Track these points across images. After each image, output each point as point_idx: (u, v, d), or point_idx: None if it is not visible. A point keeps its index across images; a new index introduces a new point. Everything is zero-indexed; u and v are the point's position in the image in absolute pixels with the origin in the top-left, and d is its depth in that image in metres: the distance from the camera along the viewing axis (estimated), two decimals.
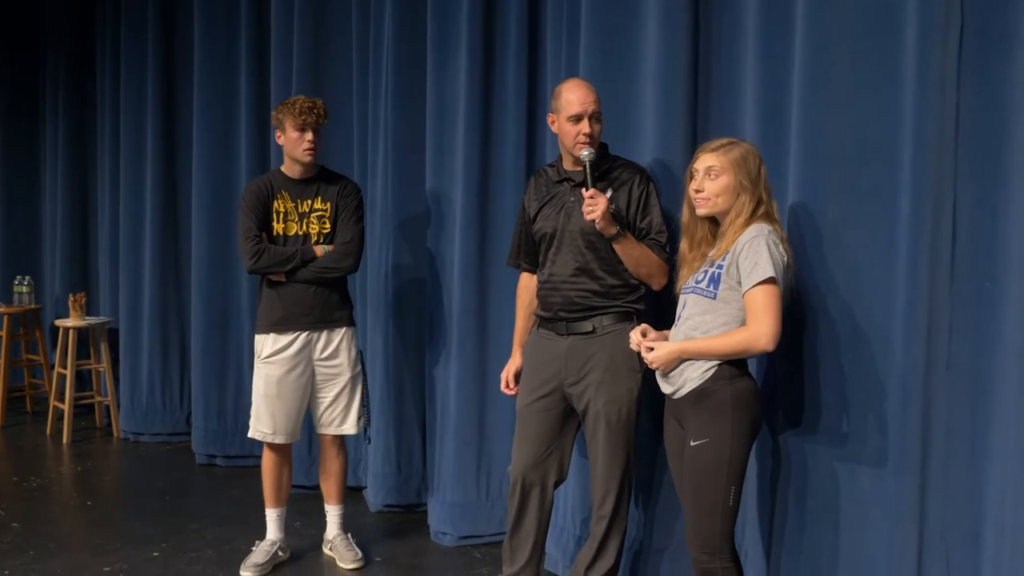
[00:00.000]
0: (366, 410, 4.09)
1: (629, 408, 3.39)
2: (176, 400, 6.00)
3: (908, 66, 2.90)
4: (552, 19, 3.99)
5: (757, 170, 2.95)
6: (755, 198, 2.93)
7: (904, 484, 2.95)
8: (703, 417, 2.90)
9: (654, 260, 3.35)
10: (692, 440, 2.91)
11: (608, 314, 3.38)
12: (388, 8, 4.45)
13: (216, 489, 5.16)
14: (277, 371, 3.93)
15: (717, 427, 2.88)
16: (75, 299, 6.22)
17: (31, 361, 6.88)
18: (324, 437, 4.10)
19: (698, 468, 2.89)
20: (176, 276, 5.87)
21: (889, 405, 2.99)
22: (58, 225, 6.94)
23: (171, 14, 5.85)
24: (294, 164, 3.92)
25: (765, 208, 2.94)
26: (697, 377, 2.92)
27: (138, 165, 5.99)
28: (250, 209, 3.88)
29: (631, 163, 3.43)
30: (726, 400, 2.89)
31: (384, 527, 4.57)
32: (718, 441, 2.87)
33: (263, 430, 3.98)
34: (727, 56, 3.42)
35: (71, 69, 6.82)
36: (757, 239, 2.86)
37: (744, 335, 2.85)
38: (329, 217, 3.95)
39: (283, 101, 3.93)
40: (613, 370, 3.37)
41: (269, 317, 3.94)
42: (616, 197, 3.35)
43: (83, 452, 5.93)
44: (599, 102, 3.32)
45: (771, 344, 2.82)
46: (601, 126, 3.33)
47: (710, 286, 2.94)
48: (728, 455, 2.86)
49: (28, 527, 4.57)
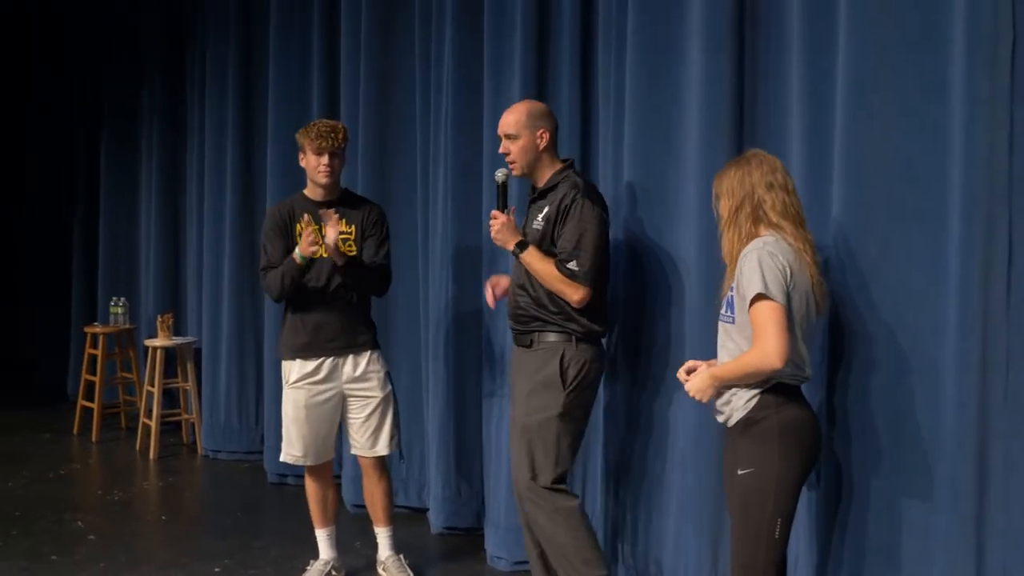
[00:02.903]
0: (398, 431, 4.11)
1: (540, 425, 3.41)
2: (252, 419, 6.14)
3: (955, 82, 2.81)
4: (603, 39, 3.98)
5: (744, 181, 2.86)
6: (749, 213, 2.85)
7: (958, 521, 2.82)
8: (750, 446, 2.85)
9: (554, 275, 3.38)
10: (740, 469, 2.85)
11: (545, 331, 3.46)
12: (448, 33, 4.51)
13: (285, 507, 5.25)
14: (305, 396, 3.99)
15: (764, 456, 2.82)
16: (163, 320, 6.44)
17: (125, 379, 7.15)
18: (361, 460, 4.13)
19: (744, 496, 2.84)
20: (253, 298, 6.02)
21: (941, 438, 2.86)
22: (152, 249, 7.21)
23: (249, 46, 6.04)
24: (316, 187, 3.99)
25: (767, 215, 2.84)
26: (742, 407, 2.86)
27: (219, 192, 6.18)
28: (267, 239, 3.98)
29: (578, 183, 3.45)
30: (772, 429, 2.82)
31: (443, 549, 4.58)
32: (765, 470, 2.80)
33: (294, 453, 4.04)
34: (771, 75, 3.37)
35: (165, 98, 7.10)
36: (750, 255, 2.80)
37: (750, 356, 2.78)
38: (355, 239, 3.99)
39: (305, 125, 4.02)
40: (536, 382, 3.44)
41: (293, 343, 3.99)
42: (540, 206, 3.47)
43: (167, 468, 6.12)
44: (518, 123, 3.44)
45: (778, 361, 2.74)
46: (516, 146, 3.46)
47: (728, 311, 2.91)
48: (775, 485, 2.80)
49: (103, 540, 4.74)
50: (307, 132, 3.92)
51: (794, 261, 2.80)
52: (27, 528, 4.87)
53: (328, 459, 4.14)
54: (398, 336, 4.94)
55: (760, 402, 2.83)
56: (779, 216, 2.85)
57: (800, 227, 2.86)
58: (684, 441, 3.60)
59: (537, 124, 3.46)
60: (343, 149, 3.97)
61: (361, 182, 4.93)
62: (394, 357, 4.76)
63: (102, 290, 7.64)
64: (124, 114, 7.55)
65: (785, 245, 2.82)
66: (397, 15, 4.94)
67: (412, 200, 4.87)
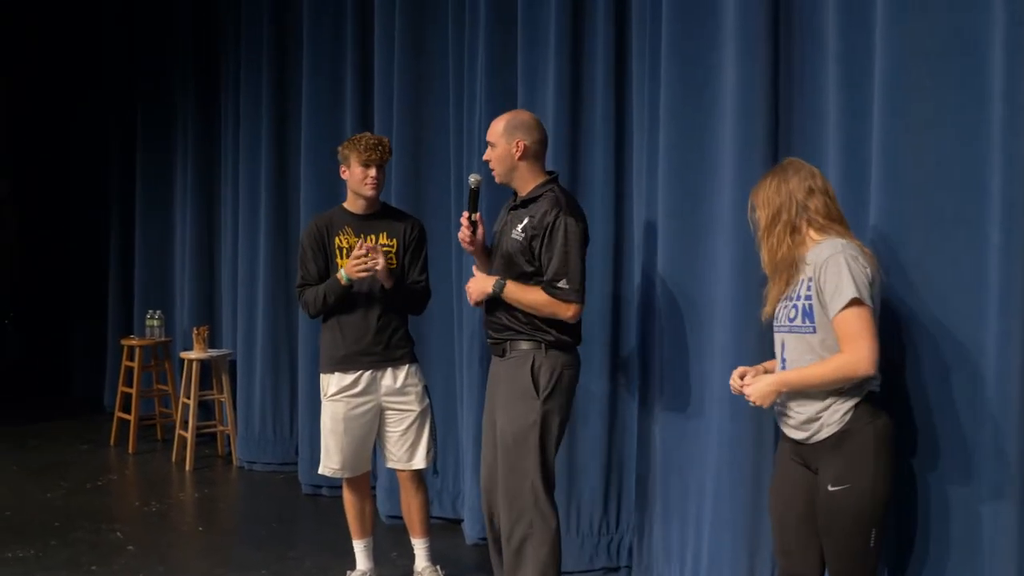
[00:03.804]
0: (435, 444, 4.11)
1: (526, 434, 3.45)
2: (286, 430, 6.17)
3: (994, 87, 2.79)
4: (637, 49, 3.98)
5: (780, 189, 2.85)
6: (787, 221, 2.83)
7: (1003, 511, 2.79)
8: (844, 461, 2.77)
9: (543, 301, 3.45)
10: (830, 485, 2.78)
11: (518, 340, 3.52)
12: (481, 43, 4.52)
13: (320, 518, 5.27)
14: (344, 408, 4.00)
15: (859, 471, 2.76)
16: (198, 332, 6.50)
17: (161, 391, 7.21)
18: (399, 473, 4.14)
19: (841, 514, 2.77)
20: (287, 310, 6.05)
21: (982, 441, 2.83)
22: (187, 262, 7.27)
23: (282, 58, 6.08)
24: (357, 199, 4.01)
25: (814, 219, 2.82)
26: (836, 421, 2.78)
27: (253, 203, 6.23)
28: (305, 255, 4.00)
29: (559, 199, 3.48)
30: (868, 442, 2.76)
31: (478, 560, 4.57)
32: (861, 485, 2.75)
33: (332, 466, 4.06)
34: (808, 83, 3.36)
35: (198, 112, 7.16)
36: (834, 257, 2.74)
37: (840, 361, 2.73)
38: (396, 253, 4.01)
39: (349, 138, 4.03)
40: (512, 394, 3.49)
41: (332, 356, 4.01)
42: (520, 215, 3.51)
43: (203, 479, 6.17)
44: (496, 132, 3.53)
45: (871, 368, 2.71)
46: (494, 154, 3.54)
47: (804, 320, 2.82)
48: (871, 499, 2.75)
49: (142, 550, 4.78)
50: (355, 144, 3.93)
51: (867, 262, 2.77)
52: (65, 538, 4.92)
53: (365, 471, 4.15)
54: (431, 345, 4.95)
55: (856, 414, 2.77)
56: (825, 219, 2.82)
57: (848, 229, 2.84)
58: (720, 452, 3.58)
59: (514, 135, 3.52)
60: (387, 162, 4.00)
61: (395, 193, 4.95)
62: (428, 367, 4.76)
63: (138, 303, 7.71)
64: (158, 125, 7.61)
65: (856, 247, 2.78)
66: (430, 25, 4.97)
67: (446, 211, 4.87)
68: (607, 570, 4.25)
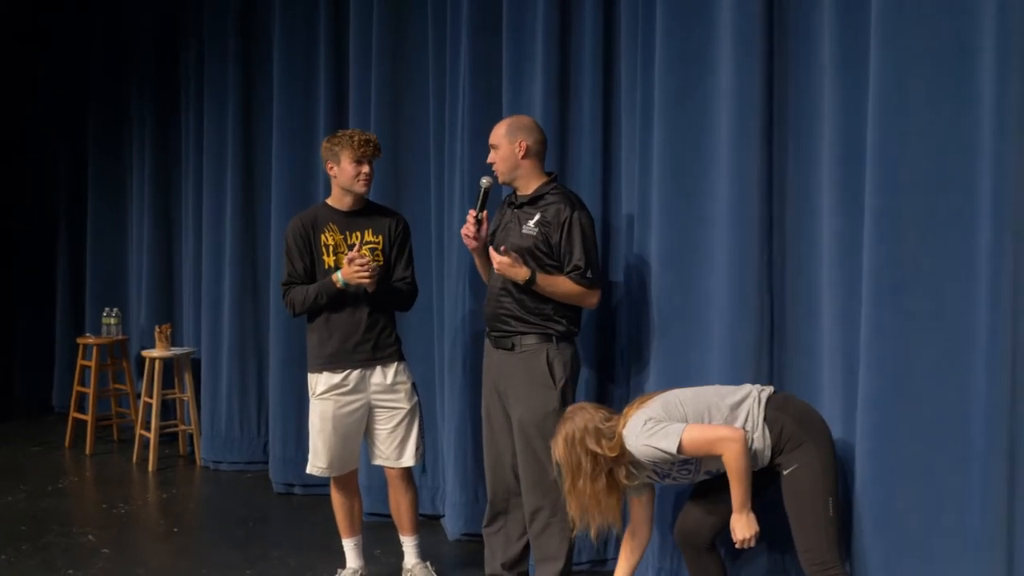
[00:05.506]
0: (423, 441, 4.13)
1: (548, 422, 3.62)
2: (253, 429, 6.10)
3: (985, 91, 2.89)
4: (627, 50, 4.03)
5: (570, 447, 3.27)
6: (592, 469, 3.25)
7: (989, 521, 2.91)
8: (789, 454, 3.18)
9: (572, 289, 3.67)
10: (784, 470, 3.16)
11: (528, 334, 3.73)
12: (464, 43, 4.51)
13: (297, 517, 5.25)
14: (332, 407, 3.99)
15: (801, 453, 3.14)
16: (161, 330, 6.40)
17: (118, 391, 7.07)
18: (388, 471, 4.13)
19: (797, 494, 3.13)
20: (255, 307, 5.99)
21: (972, 435, 2.95)
22: (144, 258, 7.12)
23: (251, 52, 5.98)
24: (344, 196, 4.00)
25: (609, 452, 3.23)
26: (769, 456, 3.21)
27: (219, 200, 6.13)
28: (291, 252, 3.98)
29: (570, 196, 3.74)
30: (796, 434, 3.17)
31: (462, 555, 4.61)
32: (806, 462, 3.14)
33: (320, 465, 4.05)
34: (802, 83, 3.44)
35: (156, 105, 7.01)
36: (644, 434, 3.17)
37: (730, 463, 3.12)
38: (382, 250, 4.02)
39: (334, 133, 4.03)
40: (530, 386, 3.72)
41: (320, 354, 3.99)
42: (529, 212, 3.72)
43: (167, 480, 6.08)
44: (499, 135, 3.75)
45: (744, 443, 3.12)
46: (498, 156, 3.75)
47: (677, 468, 3.30)
48: (819, 471, 3.12)
49: (118, 553, 4.70)
50: (348, 140, 3.91)
51: (650, 403, 3.35)
52: (36, 542, 4.82)
53: (353, 469, 4.15)
54: (409, 342, 4.94)
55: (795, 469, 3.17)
56: (611, 443, 3.25)
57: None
58: None
59: (516, 135, 3.73)
60: (376, 159, 4.00)
61: (373, 190, 4.93)
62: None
63: (90, 301, 7.54)
64: (111, 122, 7.46)
65: (636, 406, 3.34)
66: (409, 20, 4.94)
67: (426, 210, 4.87)
68: (593, 563, 4.30)
